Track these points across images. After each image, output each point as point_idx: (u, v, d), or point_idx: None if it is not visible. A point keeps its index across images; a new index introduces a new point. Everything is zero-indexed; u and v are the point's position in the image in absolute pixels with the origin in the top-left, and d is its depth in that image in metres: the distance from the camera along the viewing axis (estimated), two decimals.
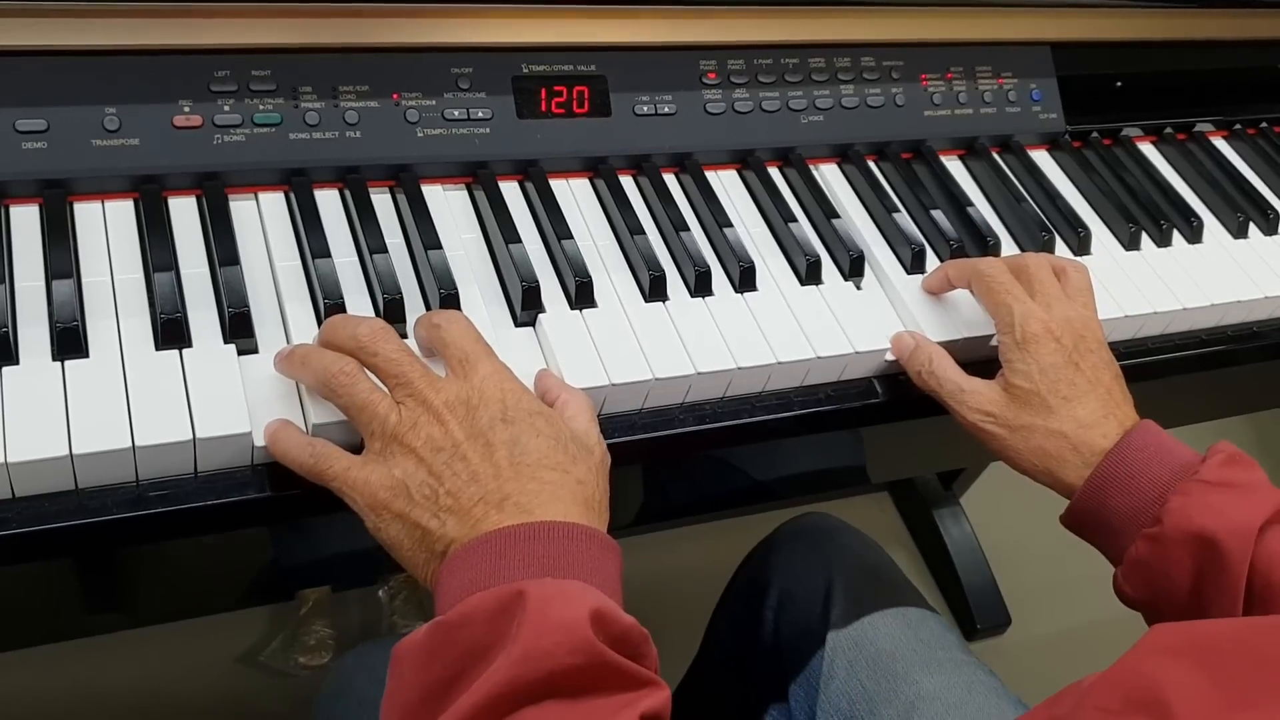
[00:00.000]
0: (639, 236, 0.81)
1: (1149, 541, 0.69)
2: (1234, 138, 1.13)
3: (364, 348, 0.62)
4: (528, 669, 0.50)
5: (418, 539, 0.59)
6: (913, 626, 0.87)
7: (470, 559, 0.57)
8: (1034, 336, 0.74)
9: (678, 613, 1.20)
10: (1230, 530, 0.66)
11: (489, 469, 0.59)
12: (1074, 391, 0.73)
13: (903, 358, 0.79)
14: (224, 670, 1.42)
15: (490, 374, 0.63)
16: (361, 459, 0.61)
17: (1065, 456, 0.73)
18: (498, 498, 0.59)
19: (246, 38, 0.76)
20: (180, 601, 0.94)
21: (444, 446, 0.60)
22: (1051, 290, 0.77)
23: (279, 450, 0.63)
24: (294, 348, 0.65)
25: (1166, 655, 0.51)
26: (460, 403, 0.61)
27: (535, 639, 0.51)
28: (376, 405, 0.61)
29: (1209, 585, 0.67)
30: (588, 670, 0.51)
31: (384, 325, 0.64)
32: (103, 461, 0.61)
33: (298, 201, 0.76)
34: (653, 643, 0.56)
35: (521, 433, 0.61)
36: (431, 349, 0.66)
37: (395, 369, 0.62)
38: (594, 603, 0.53)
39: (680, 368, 0.74)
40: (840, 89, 0.93)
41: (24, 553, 0.61)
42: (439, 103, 0.80)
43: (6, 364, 0.63)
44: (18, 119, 0.70)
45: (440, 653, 0.53)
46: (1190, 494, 0.68)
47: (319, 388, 0.63)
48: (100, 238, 0.72)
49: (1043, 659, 1.66)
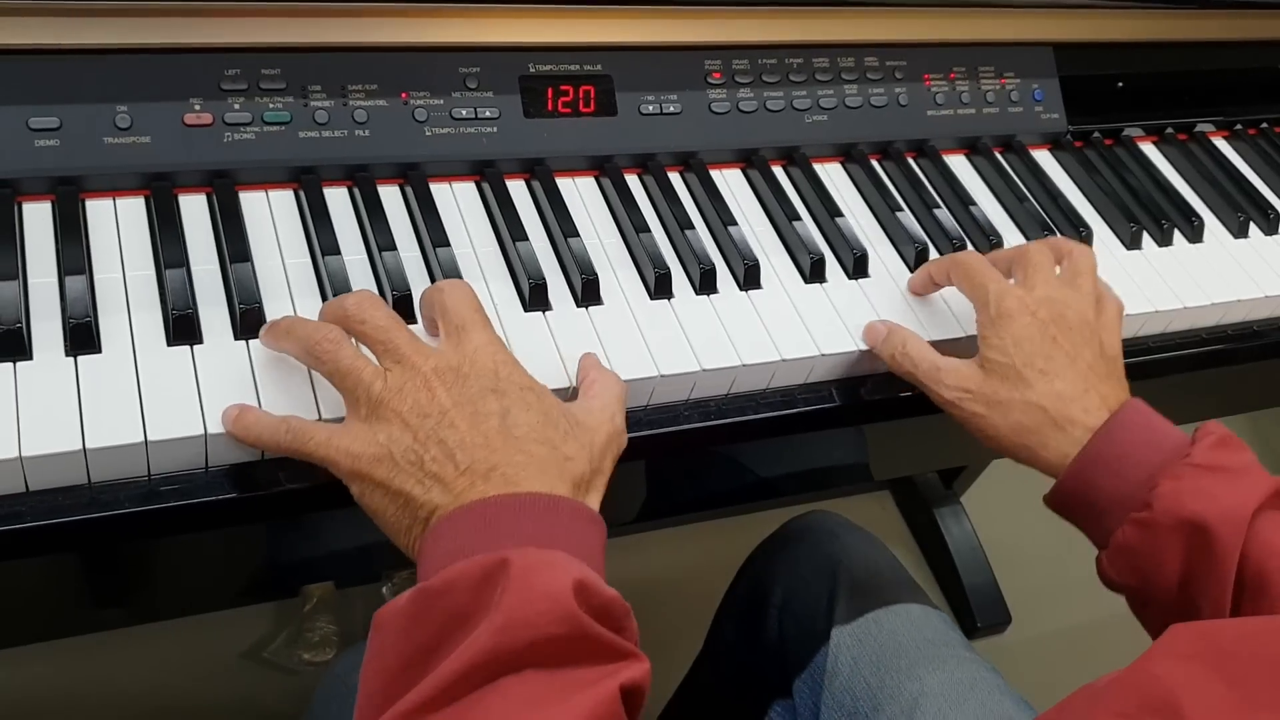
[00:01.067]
0: (644, 234, 0.81)
1: (1137, 526, 0.68)
2: (1235, 138, 1.14)
3: (351, 315, 0.62)
4: (510, 637, 0.50)
5: (401, 505, 0.59)
6: (916, 623, 0.87)
7: (455, 527, 0.56)
8: (1008, 311, 0.73)
9: (682, 609, 1.21)
10: (1222, 516, 0.65)
11: (477, 437, 0.59)
12: (1051, 365, 0.72)
13: (875, 345, 0.78)
14: (228, 666, 1.42)
15: (484, 344, 0.62)
16: (344, 426, 0.61)
17: (1045, 431, 0.72)
18: (485, 467, 0.58)
19: (256, 37, 0.76)
20: (186, 597, 0.95)
21: (430, 413, 0.59)
22: (1043, 274, 0.76)
23: (251, 434, 0.62)
24: (277, 320, 0.65)
25: (1181, 659, 0.51)
26: (450, 369, 0.60)
27: (518, 608, 0.50)
28: (361, 371, 0.60)
29: (1199, 572, 0.66)
30: (570, 640, 0.51)
31: (371, 294, 0.63)
32: (115, 456, 0.61)
33: (307, 199, 0.77)
34: (634, 617, 0.55)
35: (512, 405, 0.60)
36: (432, 315, 0.66)
37: (383, 335, 0.61)
38: (577, 573, 0.52)
39: (685, 364, 0.74)
40: (844, 89, 0.94)
41: (37, 546, 0.62)
42: (447, 102, 0.81)
43: (20, 359, 0.64)
44: (30, 116, 0.71)
45: (422, 619, 0.52)
46: (1181, 478, 0.67)
47: (303, 356, 0.63)
48: (112, 234, 0.72)
49: (1043, 657, 1.66)
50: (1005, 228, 0.94)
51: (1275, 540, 0.65)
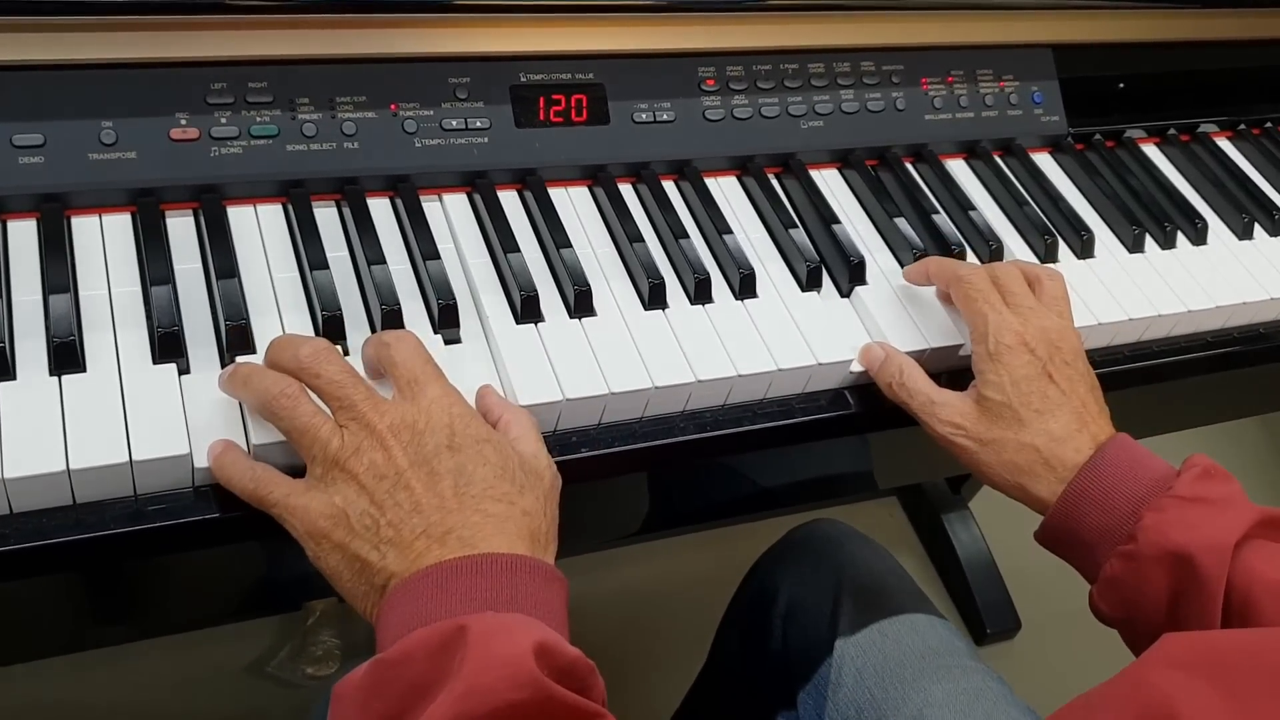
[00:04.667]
0: (638, 244, 0.81)
1: (1124, 559, 0.68)
2: (1238, 138, 1.13)
3: (305, 369, 0.61)
4: (471, 705, 0.49)
5: (357, 570, 0.58)
6: (921, 633, 0.86)
7: (411, 594, 0.55)
8: (1007, 348, 0.73)
9: (686, 620, 1.20)
10: (1205, 547, 0.65)
11: (433, 499, 0.58)
12: (1046, 404, 0.72)
13: (872, 369, 0.78)
14: (231, 681, 1.42)
15: (438, 397, 0.61)
16: (303, 484, 0.60)
17: (1037, 471, 0.72)
18: (440, 531, 0.57)
19: (243, 49, 0.76)
20: (186, 613, 0.94)
21: (387, 474, 0.58)
22: (1026, 299, 0.76)
23: (223, 475, 0.62)
24: (236, 366, 0.64)
25: (1178, 669, 0.51)
26: (405, 426, 0.59)
27: (478, 675, 0.49)
28: (318, 429, 0.59)
29: (1185, 603, 0.66)
30: (532, 705, 0.50)
31: (327, 345, 0.62)
32: (100, 476, 0.61)
33: (295, 213, 0.76)
34: (599, 675, 0.54)
35: (467, 461, 0.59)
36: (379, 369, 0.64)
37: (338, 391, 0.60)
38: (538, 636, 0.52)
39: (680, 376, 0.73)
40: (840, 94, 0.93)
41: (23, 568, 0.61)
42: (437, 113, 0.80)
43: (3, 379, 0.63)
44: (14, 133, 0.70)
45: (382, 691, 0.52)
46: (1165, 510, 0.67)
47: (260, 410, 0.61)
48: (98, 251, 0.72)
49: (1053, 664, 1.65)
50: (1005, 232, 0.93)
51: (1260, 568, 0.64)
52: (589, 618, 1.48)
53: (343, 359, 0.62)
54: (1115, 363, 0.88)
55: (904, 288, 0.84)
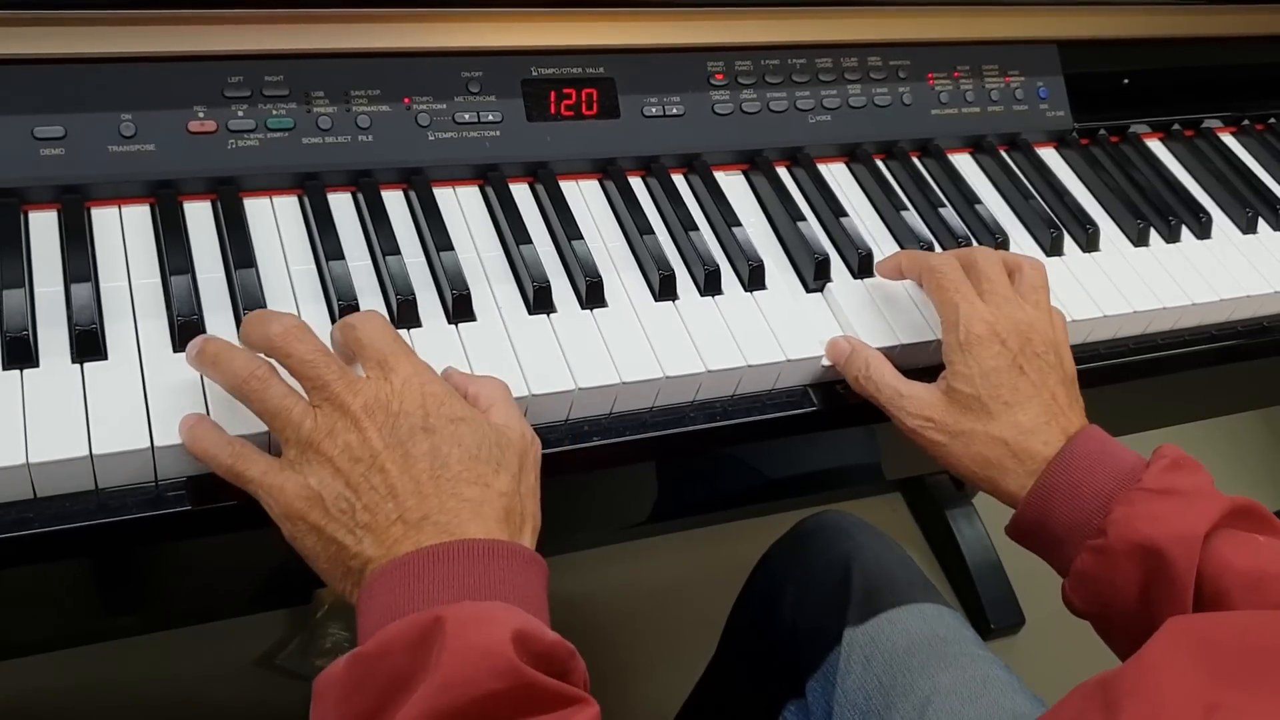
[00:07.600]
0: (648, 236, 0.81)
1: (1094, 553, 0.68)
2: (1242, 134, 1.13)
3: (276, 348, 0.60)
4: (450, 697, 0.49)
5: (334, 553, 0.58)
6: (929, 622, 0.86)
7: (388, 583, 0.55)
8: (977, 338, 0.72)
9: (695, 612, 1.21)
10: (1175, 538, 0.64)
11: (408, 484, 0.57)
12: (1016, 396, 0.71)
13: (839, 363, 0.77)
14: (242, 673, 1.42)
15: (411, 375, 0.60)
16: (279, 464, 0.59)
17: (1005, 464, 0.71)
18: (416, 516, 0.57)
19: (259, 44, 0.77)
20: (197, 605, 0.95)
21: (362, 457, 0.58)
22: (1001, 289, 0.75)
23: (199, 448, 0.61)
24: (205, 341, 0.62)
25: (1173, 649, 0.52)
26: (380, 407, 0.59)
27: (456, 666, 0.49)
28: (290, 411, 0.59)
29: (1157, 595, 0.65)
30: (513, 693, 0.50)
31: (298, 323, 0.61)
32: (122, 461, 0.62)
33: (311, 205, 0.77)
34: (580, 657, 0.54)
35: (442, 442, 0.59)
36: (349, 352, 0.63)
37: (310, 371, 0.59)
38: (516, 623, 0.51)
39: (691, 366, 0.74)
40: (847, 89, 0.94)
41: (45, 552, 0.62)
42: (449, 106, 0.81)
43: (27, 366, 0.64)
44: (36, 126, 0.71)
45: (362, 685, 0.51)
46: (1133, 503, 0.67)
47: (231, 391, 0.61)
48: (117, 242, 0.73)
49: (1056, 660, 1.65)
50: (1011, 226, 0.94)
51: (1230, 558, 0.64)
52: (595, 614, 1.49)
53: (315, 337, 0.61)
54: (1120, 355, 0.89)
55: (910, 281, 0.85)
